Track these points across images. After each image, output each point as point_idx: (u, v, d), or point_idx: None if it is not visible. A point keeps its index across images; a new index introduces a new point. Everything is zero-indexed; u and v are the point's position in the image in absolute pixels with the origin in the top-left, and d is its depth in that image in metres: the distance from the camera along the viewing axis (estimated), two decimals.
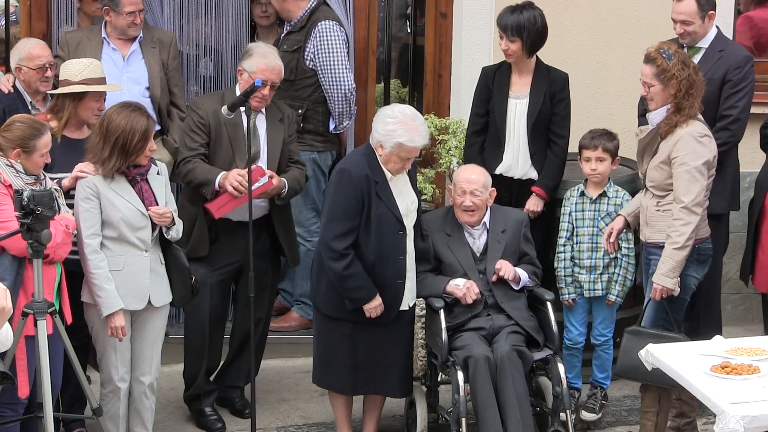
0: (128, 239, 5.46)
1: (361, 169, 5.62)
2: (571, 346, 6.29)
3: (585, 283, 6.19)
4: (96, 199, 5.40)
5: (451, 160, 6.80)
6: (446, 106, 7.35)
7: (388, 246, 5.65)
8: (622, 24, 7.28)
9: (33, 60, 6.14)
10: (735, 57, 6.33)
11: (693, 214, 5.56)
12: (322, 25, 6.81)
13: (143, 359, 5.65)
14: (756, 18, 7.86)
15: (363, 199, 5.58)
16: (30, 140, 5.22)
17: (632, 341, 5.55)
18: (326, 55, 6.82)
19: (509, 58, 6.38)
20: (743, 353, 4.82)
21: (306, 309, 7.16)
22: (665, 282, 5.59)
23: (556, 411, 5.74)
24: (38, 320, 4.98)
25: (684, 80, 5.56)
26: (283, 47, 6.91)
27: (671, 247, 5.57)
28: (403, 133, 5.54)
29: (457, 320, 5.81)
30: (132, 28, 6.55)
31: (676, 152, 5.58)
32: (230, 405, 6.38)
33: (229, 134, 5.99)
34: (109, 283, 5.40)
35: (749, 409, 4.35)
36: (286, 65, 6.81)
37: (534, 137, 6.41)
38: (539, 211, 6.41)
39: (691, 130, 5.60)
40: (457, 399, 5.59)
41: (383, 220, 5.62)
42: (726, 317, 6.81)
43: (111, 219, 5.42)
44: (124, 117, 5.39)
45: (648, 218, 5.75)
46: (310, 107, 6.88)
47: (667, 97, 5.63)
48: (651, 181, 5.71)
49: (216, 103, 6.02)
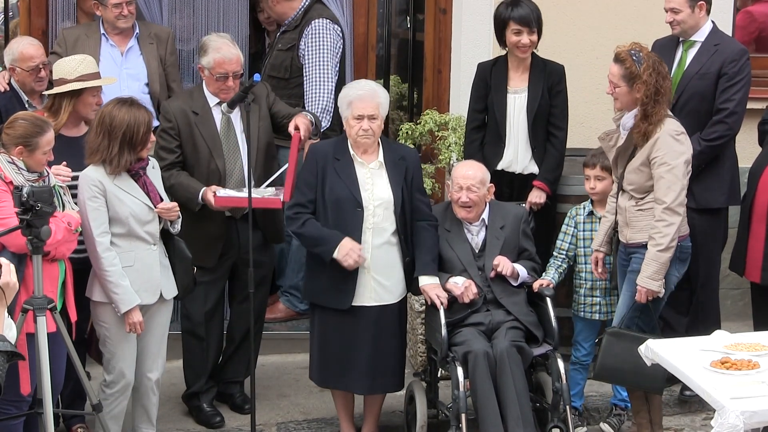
0: (137, 234, 5.46)
1: (326, 146, 5.86)
2: (576, 362, 6.24)
3: (602, 305, 6.14)
4: (102, 197, 5.40)
5: (450, 155, 6.80)
6: (446, 102, 7.36)
7: (343, 222, 5.69)
8: (620, 17, 7.27)
9: (26, 61, 6.11)
10: (730, 50, 6.32)
11: (676, 215, 5.49)
12: (315, 24, 6.86)
13: (151, 355, 5.65)
14: (756, 13, 7.85)
15: (317, 172, 5.73)
16: (32, 138, 5.22)
17: (612, 343, 5.50)
18: (312, 52, 6.83)
19: (526, 52, 6.36)
20: (743, 348, 4.83)
21: (293, 300, 7.31)
22: (650, 285, 5.52)
23: (556, 406, 5.74)
24: (38, 316, 4.97)
25: (651, 86, 5.47)
26: (278, 46, 6.97)
27: (655, 249, 5.49)
28: (347, 90, 5.79)
29: (456, 316, 5.81)
30: (121, 20, 6.51)
31: (656, 152, 5.51)
32: (230, 401, 6.39)
33: (202, 133, 5.96)
34: (124, 280, 5.40)
35: (749, 405, 4.36)
36: (280, 63, 6.92)
37: (534, 131, 6.42)
38: (542, 203, 6.41)
39: (668, 129, 5.53)
40: (457, 395, 5.60)
41: (339, 195, 5.69)
42: (725, 313, 6.81)
43: (120, 215, 5.42)
44: (125, 112, 5.38)
45: (628, 219, 5.66)
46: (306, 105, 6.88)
47: (631, 100, 5.54)
48: (630, 184, 5.63)
49: (184, 102, 6.03)
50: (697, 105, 6.31)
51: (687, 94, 6.32)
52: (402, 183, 5.78)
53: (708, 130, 6.29)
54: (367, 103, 5.69)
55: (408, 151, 6.04)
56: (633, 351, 5.20)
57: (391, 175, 5.78)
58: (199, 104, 6.00)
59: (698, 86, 6.31)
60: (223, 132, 6.00)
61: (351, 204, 5.71)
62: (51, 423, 5.00)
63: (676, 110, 6.21)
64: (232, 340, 6.32)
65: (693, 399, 6.32)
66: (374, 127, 5.71)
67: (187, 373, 6.28)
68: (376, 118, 5.71)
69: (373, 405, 6.03)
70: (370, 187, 5.74)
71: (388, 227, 5.78)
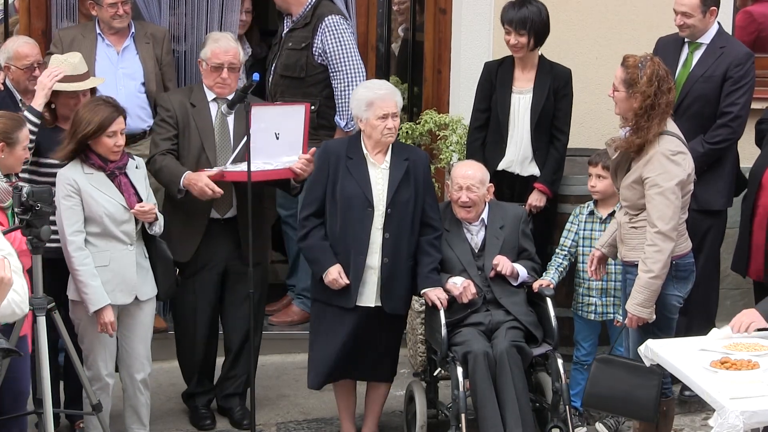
0: (113, 234, 5.47)
1: (338, 145, 5.88)
2: (577, 361, 6.23)
3: (597, 306, 6.13)
4: (77, 196, 5.41)
5: (451, 155, 6.79)
6: (446, 102, 7.35)
7: (353, 221, 5.70)
8: (621, 18, 7.27)
9: (21, 60, 6.10)
10: (736, 54, 6.33)
11: (668, 240, 5.24)
12: (329, 20, 6.79)
13: (134, 355, 5.65)
14: (756, 13, 7.85)
15: (328, 171, 5.74)
16: (12, 132, 5.19)
17: (602, 370, 5.27)
18: (337, 51, 6.78)
19: (517, 52, 6.37)
20: (742, 349, 4.82)
21: (306, 303, 7.18)
22: (640, 313, 5.29)
23: (556, 406, 5.74)
24: (37, 316, 4.97)
25: (648, 98, 5.26)
26: (288, 45, 6.89)
27: (646, 276, 5.24)
28: (366, 92, 5.76)
29: (456, 316, 5.81)
30: (116, 20, 6.50)
31: (648, 173, 5.26)
32: (230, 415, 6.32)
33: (197, 126, 5.97)
34: (95, 279, 5.40)
35: (749, 405, 4.35)
36: (294, 63, 6.84)
37: (537, 133, 6.41)
38: (541, 206, 6.41)
39: (663, 148, 5.28)
40: (457, 395, 5.60)
41: (350, 194, 5.70)
42: (725, 313, 6.79)
43: (94, 214, 5.43)
44: (88, 110, 5.43)
45: (623, 236, 5.49)
46: (323, 103, 6.85)
47: (628, 107, 5.34)
48: (625, 200, 5.46)
49: (183, 96, 6.07)
50: (701, 107, 6.31)
51: (691, 96, 6.32)
52: (411, 185, 5.78)
53: (712, 133, 6.30)
54: (389, 102, 5.72)
55: (418, 153, 6.00)
56: (623, 378, 5.13)
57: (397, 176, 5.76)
58: (197, 98, 6.04)
59: (703, 89, 6.31)
60: (217, 126, 6.00)
61: (361, 203, 5.71)
62: (51, 423, 5.00)
63: (680, 112, 6.20)
64: (229, 350, 6.27)
65: (693, 399, 6.31)
66: (396, 125, 5.77)
67: (182, 372, 6.28)
68: (397, 115, 5.76)
69: (374, 404, 6.04)
70: (381, 187, 5.75)
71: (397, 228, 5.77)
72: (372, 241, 5.72)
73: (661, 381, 5.13)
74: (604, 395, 5.24)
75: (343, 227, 5.73)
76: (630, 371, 5.15)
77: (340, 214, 5.73)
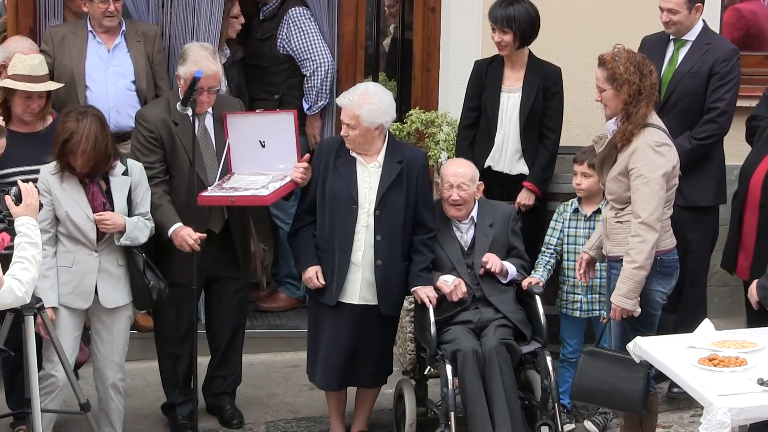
0: (76, 238, 5.49)
1: (331, 143, 5.93)
2: (564, 359, 6.23)
3: (582, 303, 6.14)
4: (49, 195, 5.44)
5: (440, 153, 6.79)
6: (435, 100, 7.34)
7: (338, 218, 5.73)
8: (609, 15, 7.28)
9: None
10: (721, 50, 6.34)
11: (652, 231, 5.25)
12: (292, 12, 7.15)
13: (106, 361, 5.66)
14: (744, 10, 7.86)
15: (320, 169, 5.79)
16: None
17: (589, 363, 5.33)
18: (301, 39, 7.13)
19: (503, 50, 6.37)
20: (730, 345, 4.84)
21: (292, 289, 7.47)
22: (624, 304, 5.30)
23: (545, 404, 5.75)
24: (26, 316, 4.97)
25: (634, 84, 5.29)
26: (257, 35, 7.25)
27: (630, 267, 5.26)
28: (342, 97, 5.81)
29: (446, 314, 5.81)
30: (107, 18, 6.47)
31: (633, 163, 5.28)
32: (219, 414, 6.28)
33: (183, 143, 5.83)
34: (45, 281, 5.36)
35: (737, 402, 4.36)
36: (259, 52, 7.22)
37: (526, 131, 6.40)
38: (530, 204, 6.41)
39: (648, 139, 5.30)
40: (446, 392, 5.60)
41: (336, 192, 5.74)
42: (713, 310, 6.81)
43: (60, 216, 5.47)
44: (71, 122, 5.38)
45: (608, 231, 5.49)
46: (286, 92, 7.19)
47: (619, 103, 5.36)
48: (610, 193, 5.46)
49: (162, 111, 5.91)
50: (687, 104, 6.32)
51: (678, 92, 6.33)
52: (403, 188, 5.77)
53: (698, 129, 6.31)
54: (347, 112, 5.70)
55: (414, 153, 5.97)
56: (610, 371, 5.16)
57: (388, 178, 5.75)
58: (177, 113, 5.83)
59: (689, 85, 6.32)
60: (201, 141, 5.90)
61: (346, 200, 5.72)
62: (39, 422, 5.00)
63: (667, 108, 6.22)
64: (216, 350, 6.23)
65: (681, 396, 6.32)
66: (353, 135, 5.71)
67: (163, 385, 6.21)
68: (353, 127, 5.69)
69: (364, 403, 6.05)
70: (367, 186, 5.74)
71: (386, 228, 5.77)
72: (357, 239, 5.72)
73: (647, 373, 5.15)
74: (592, 388, 5.30)
75: (330, 225, 5.75)
76: (616, 363, 5.16)
77: (327, 210, 5.76)
